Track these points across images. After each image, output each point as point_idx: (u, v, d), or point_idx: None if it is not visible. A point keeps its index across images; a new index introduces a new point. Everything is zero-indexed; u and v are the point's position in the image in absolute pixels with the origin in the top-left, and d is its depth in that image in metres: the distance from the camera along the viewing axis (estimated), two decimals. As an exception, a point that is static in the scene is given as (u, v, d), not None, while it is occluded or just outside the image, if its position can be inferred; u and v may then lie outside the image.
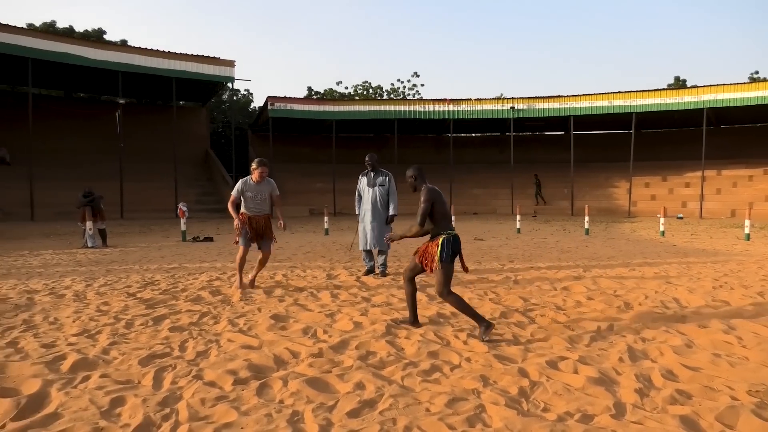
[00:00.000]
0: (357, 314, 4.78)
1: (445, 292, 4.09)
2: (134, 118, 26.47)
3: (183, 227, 12.62)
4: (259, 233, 6.05)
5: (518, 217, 15.85)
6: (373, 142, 33.09)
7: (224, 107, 39.08)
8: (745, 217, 13.15)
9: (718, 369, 3.40)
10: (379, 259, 7.11)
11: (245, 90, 44.11)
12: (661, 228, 14.16)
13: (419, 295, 5.71)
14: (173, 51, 23.13)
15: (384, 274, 7.05)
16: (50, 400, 2.84)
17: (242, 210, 6.04)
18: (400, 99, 37.67)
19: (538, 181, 27.51)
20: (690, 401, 2.88)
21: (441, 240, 4.12)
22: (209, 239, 12.59)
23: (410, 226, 4.32)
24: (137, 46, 22.85)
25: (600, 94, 26.40)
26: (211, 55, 24.01)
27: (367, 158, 7.17)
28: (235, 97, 37.72)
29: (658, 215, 14.79)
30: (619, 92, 25.99)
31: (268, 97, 26.42)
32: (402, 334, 4.15)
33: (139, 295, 5.68)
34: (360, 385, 3.06)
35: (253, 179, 5.98)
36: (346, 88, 43.45)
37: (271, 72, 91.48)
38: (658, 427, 2.56)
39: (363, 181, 7.22)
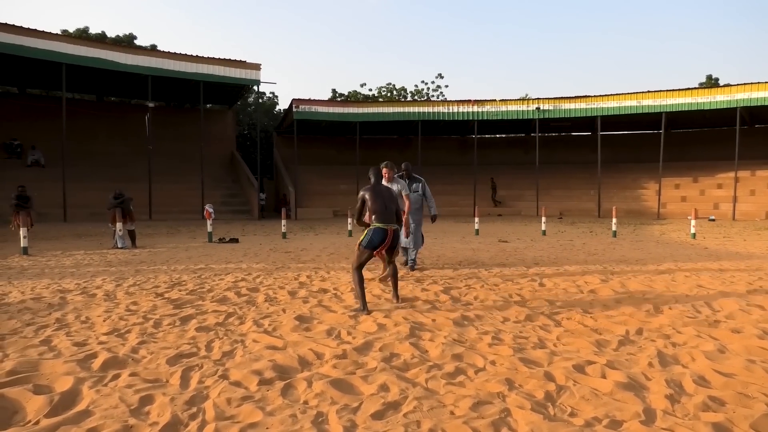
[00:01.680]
0: (381, 316, 4.78)
1: (353, 268, 5.12)
2: (163, 120, 27.04)
3: (209, 228, 12.82)
4: None
5: (543, 218, 15.64)
6: (397, 144, 33.12)
7: (250, 110, 39.66)
8: (781, 219, 12.72)
9: (752, 375, 3.29)
10: (411, 255, 7.77)
11: (270, 92, 44.75)
12: (692, 230, 13.80)
13: (443, 296, 5.72)
14: (201, 55, 23.56)
15: (413, 268, 7.73)
16: (82, 398, 2.91)
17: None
18: (424, 100, 37.60)
19: (494, 184, 27.73)
20: (723, 408, 2.80)
21: (366, 230, 5.14)
22: (235, 240, 12.76)
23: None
24: (166, 51, 23.35)
25: (628, 93, 25.90)
26: (238, 59, 24.38)
27: (402, 166, 7.86)
28: (260, 100, 38.16)
29: (689, 217, 14.42)
30: (648, 92, 25.45)
31: (293, 99, 26.69)
32: (426, 336, 4.13)
33: (166, 296, 5.79)
34: (384, 387, 3.06)
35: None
36: (370, 89, 43.65)
37: (295, 74, 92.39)
38: (689, 435, 2.49)
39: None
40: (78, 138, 24.26)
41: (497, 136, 34.91)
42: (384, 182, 6.55)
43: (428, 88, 43.68)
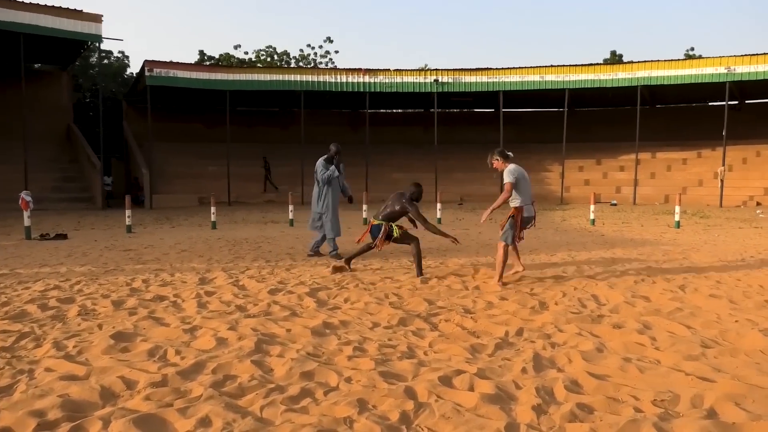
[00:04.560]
0: (224, 328, 4.50)
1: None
2: (-31, 83, 24.18)
3: (27, 222, 11.63)
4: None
5: (439, 205, 16.05)
6: (279, 118, 32.42)
7: (93, 72, 36.65)
8: (675, 204, 14.10)
9: (625, 376, 3.49)
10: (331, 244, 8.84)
11: (119, 52, 41.66)
12: (591, 216, 14.89)
13: (307, 300, 5.58)
14: (19, 0, 21.21)
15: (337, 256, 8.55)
16: None
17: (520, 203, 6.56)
18: (310, 68, 37.12)
19: (268, 164, 28.23)
20: (591, 416, 2.91)
21: None
22: (62, 236, 11.66)
23: None
24: (-31, -8, 20.74)
25: (531, 67, 27.30)
26: (72, 8, 22.29)
27: (332, 148, 8.75)
28: (106, 61, 35.46)
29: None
30: (552, 66, 27.03)
31: (146, 61, 24.99)
32: (275, 351, 3.94)
33: (-60, 313, 5.04)
34: (205, 422, 2.82)
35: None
36: (246, 53, 42.41)
37: (156, 33, 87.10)
38: (550, 453, 2.54)
39: (332, 169, 8.74)
40: None
41: (393, 111, 35.38)
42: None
43: (315, 54, 43.24)
